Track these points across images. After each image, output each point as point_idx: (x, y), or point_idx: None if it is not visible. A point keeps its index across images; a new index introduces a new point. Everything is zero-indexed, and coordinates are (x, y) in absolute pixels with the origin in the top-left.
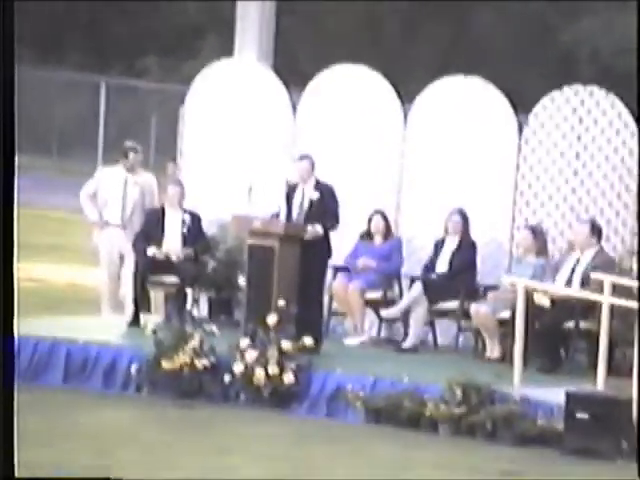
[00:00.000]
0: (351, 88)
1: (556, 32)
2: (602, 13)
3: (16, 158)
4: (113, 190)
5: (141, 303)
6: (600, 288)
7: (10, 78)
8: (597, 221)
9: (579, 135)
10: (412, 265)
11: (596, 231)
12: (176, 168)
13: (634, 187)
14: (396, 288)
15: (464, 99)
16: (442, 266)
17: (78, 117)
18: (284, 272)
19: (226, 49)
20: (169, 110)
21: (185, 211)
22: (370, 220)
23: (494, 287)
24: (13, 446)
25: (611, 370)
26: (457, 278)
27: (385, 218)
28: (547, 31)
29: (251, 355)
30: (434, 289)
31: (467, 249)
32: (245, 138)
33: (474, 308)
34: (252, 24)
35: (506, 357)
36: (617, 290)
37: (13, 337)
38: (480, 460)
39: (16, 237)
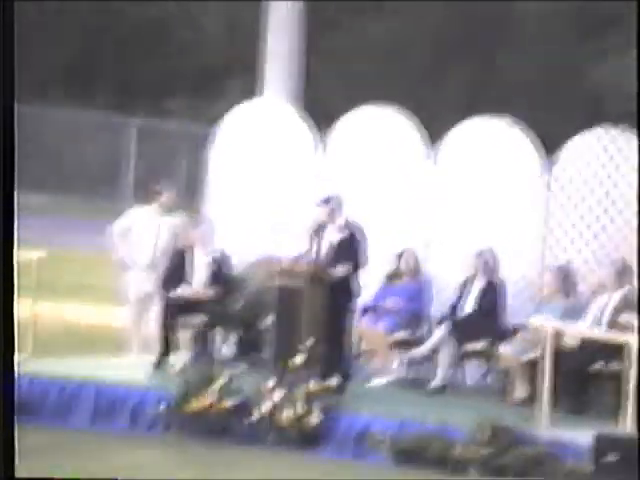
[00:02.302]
0: (379, 128)
1: (583, 72)
2: (629, 52)
3: (15, 193)
4: (145, 231)
5: (168, 343)
6: (627, 330)
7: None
8: (623, 263)
9: (602, 179)
10: (440, 305)
11: (622, 273)
12: (202, 209)
13: None
14: (423, 328)
15: (490, 139)
16: (470, 306)
17: (106, 157)
18: (311, 312)
19: (253, 89)
20: (197, 151)
21: (213, 251)
22: (399, 259)
23: (522, 327)
24: (14, 446)
25: (638, 412)
26: (485, 318)
27: (414, 257)
28: (574, 71)
29: (278, 395)
30: (460, 330)
31: (495, 289)
32: (273, 178)
33: (501, 349)
34: (278, 63)
35: (534, 398)
36: None
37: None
38: None
39: (45, 276)
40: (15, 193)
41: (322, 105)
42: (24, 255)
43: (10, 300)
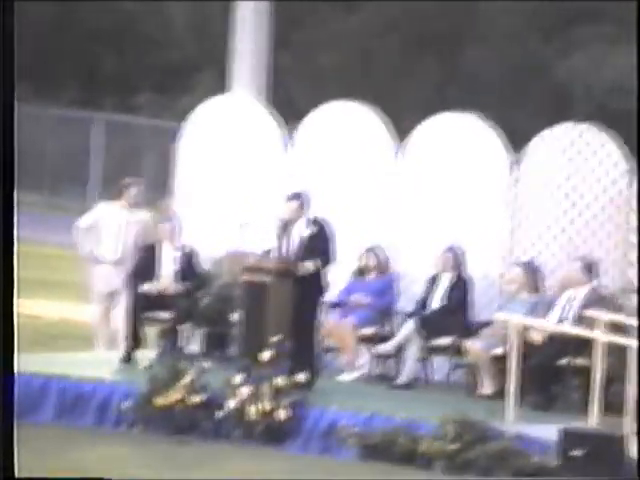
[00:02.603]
0: (345, 124)
1: (549, 68)
2: (594, 48)
3: (15, 194)
4: (109, 227)
5: (134, 339)
6: (593, 325)
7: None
8: (590, 258)
9: (569, 174)
10: (406, 301)
11: (589, 269)
12: (170, 204)
13: (624, 226)
14: (391, 323)
15: (457, 135)
16: (436, 302)
17: (71, 153)
18: (278, 308)
19: (220, 85)
20: (163, 146)
21: (179, 247)
22: (366, 255)
23: (488, 323)
24: (13, 446)
25: (605, 407)
26: (451, 314)
27: (378, 254)
28: (540, 67)
29: (245, 391)
30: (428, 325)
31: (461, 285)
32: (239, 174)
33: (468, 344)
34: (246, 60)
35: (501, 393)
36: (610, 327)
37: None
38: None
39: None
40: (15, 193)
41: (289, 101)
42: None
43: (10, 300)
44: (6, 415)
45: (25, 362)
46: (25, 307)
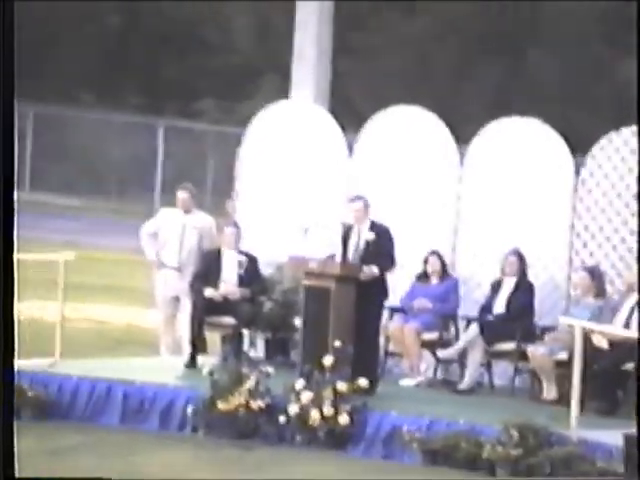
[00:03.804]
0: (407, 129)
1: (613, 71)
2: None
3: (15, 192)
4: (171, 232)
5: (198, 344)
6: None
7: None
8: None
9: (638, 176)
10: (469, 306)
11: None
12: (233, 209)
13: None
14: (452, 329)
15: (520, 140)
16: (499, 307)
17: (136, 159)
18: (340, 313)
19: (282, 89)
20: (226, 151)
21: (242, 252)
22: (426, 261)
23: (551, 328)
24: (13, 446)
25: None
26: (514, 319)
27: (441, 258)
28: (604, 70)
29: (306, 396)
30: (491, 330)
31: (524, 290)
32: (301, 179)
33: (531, 349)
34: (308, 64)
35: (563, 399)
36: None
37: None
38: None
39: (74, 278)
40: (15, 193)
41: (351, 106)
42: (53, 256)
43: (10, 299)
44: (6, 415)
45: (91, 367)
46: (90, 312)
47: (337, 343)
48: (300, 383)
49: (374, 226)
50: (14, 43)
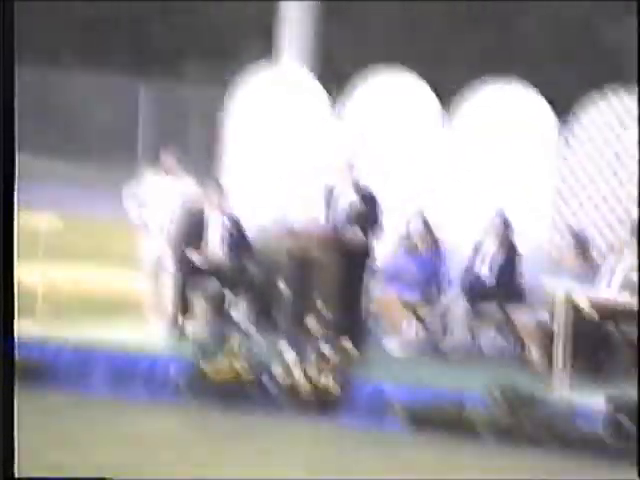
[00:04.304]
0: (392, 93)
1: (599, 33)
2: None
3: (16, 160)
4: (155, 195)
5: (183, 307)
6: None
7: (10, 78)
8: (637, 224)
9: (619, 135)
10: (453, 268)
11: (637, 235)
12: (217, 172)
13: None
14: (438, 293)
15: (506, 103)
16: (482, 268)
17: (119, 122)
18: (325, 277)
19: (268, 53)
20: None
21: (226, 215)
22: (409, 223)
23: (535, 292)
24: (13, 446)
25: None
26: (497, 280)
27: (425, 221)
28: (590, 32)
29: (290, 358)
30: (475, 292)
31: (508, 252)
32: (285, 142)
33: (515, 313)
34: (293, 27)
35: (548, 362)
36: None
37: (13, 339)
38: (522, 465)
39: (57, 242)
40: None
41: (336, 69)
42: (35, 221)
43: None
44: (6, 416)
45: (73, 331)
46: (75, 277)
47: (321, 306)
48: (284, 345)
49: (360, 189)
50: (14, 43)
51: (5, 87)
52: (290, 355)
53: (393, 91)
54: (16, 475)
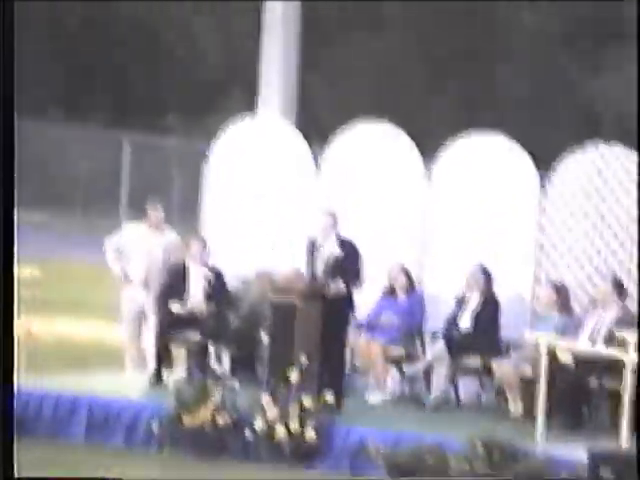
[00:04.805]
0: (374, 144)
1: (579, 88)
2: (625, 68)
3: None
4: (136, 247)
5: (163, 359)
6: (624, 345)
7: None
8: (619, 278)
9: (598, 188)
10: (435, 321)
11: (618, 288)
12: (199, 225)
13: None
14: (419, 344)
15: (487, 156)
16: (464, 322)
17: (102, 174)
18: (306, 328)
19: (249, 105)
20: (192, 167)
21: (208, 267)
22: (392, 275)
23: (517, 343)
24: (13, 446)
25: (635, 428)
26: (479, 334)
27: (407, 273)
28: (571, 88)
29: (272, 411)
30: (456, 345)
31: (490, 305)
32: (268, 194)
33: (496, 365)
34: (274, 80)
35: (528, 414)
36: None
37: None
38: None
39: (39, 293)
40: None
41: (317, 121)
42: (17, 272)
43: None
44: (6, 419)
45: (54, 381)
46: (55, 327)
47: (303, 358)
48: (266, 398)
49: (341, 241)
50: (14, 43)
51: (5, 85)
52: (270, 406)
53: (374, 144)
54: (16, 475)
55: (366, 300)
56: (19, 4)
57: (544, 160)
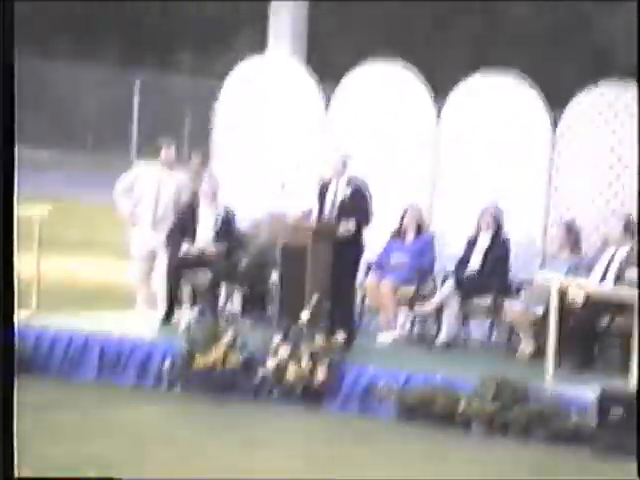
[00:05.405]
0: (384, 83)
1: (592, 24)
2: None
3: (16, 151)
4: (148, 186)
5: (174, 299)
6: (634, 284)
7: (10, 70)
8: (632, 217)
9: (614, 129)
10: (445, 261)
11: (629, 228)
12: (210, 163)
13: None
14: (429, 284)
15: (498, 94)
16: (475, 262)
17: (111, 112)
18: (317, 268)
19: (259, 43)
20: (202, 105)
21: (219, 207)
22: (403, 216)
23: (528, 283)
24: (13, 446)
25: None
26: (490, 274)
27: (417, 214)
28: (583, 24)
29: (284, 351)
30: (467, 285)
31: (500, 245)
32: (278, 134)
33: (507, 304)
34: (285, 18)
35: (539, 354)
36: None
37: (14, 331)
38: (512, 457)
39: (49, 232)
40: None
41: (327, 58)
42: (28, 211)
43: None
44: (6, 412)
45: (67, 321)
46: (66, 266)
47: (314, 299)
48: (277, 338)
49: (351, 181)
50: (14, 43)
51: (5, 85)
52: (283, 347)
53: (385, 83)
54: (16, 475)
55: (377, 240)
56: None
57: (557, 98)
